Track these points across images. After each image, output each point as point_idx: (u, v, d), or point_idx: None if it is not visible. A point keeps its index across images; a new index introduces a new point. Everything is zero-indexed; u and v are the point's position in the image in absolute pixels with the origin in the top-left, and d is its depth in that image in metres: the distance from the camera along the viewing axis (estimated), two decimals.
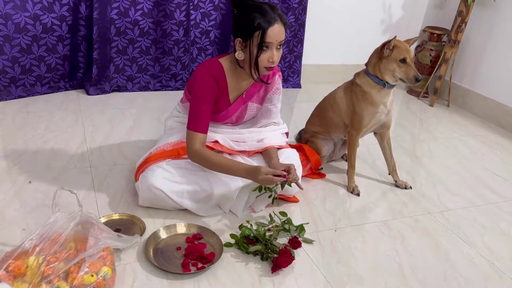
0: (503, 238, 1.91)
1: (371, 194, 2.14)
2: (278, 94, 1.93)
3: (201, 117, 1.72)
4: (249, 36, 1.63)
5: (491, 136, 3.01)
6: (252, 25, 1.61)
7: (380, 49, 1.99)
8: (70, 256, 1.33)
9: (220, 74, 1.75)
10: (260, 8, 1.63)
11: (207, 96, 1.73)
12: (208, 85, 1.73)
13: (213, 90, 1.74)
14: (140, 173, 1.81)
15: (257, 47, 1.63)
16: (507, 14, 3.12)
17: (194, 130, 1.71)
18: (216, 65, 1.75)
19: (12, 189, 1.86)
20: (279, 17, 1.65)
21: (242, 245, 1.63)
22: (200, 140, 1.72)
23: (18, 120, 2.47)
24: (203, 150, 1.71)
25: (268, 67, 1.69)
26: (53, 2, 2.69)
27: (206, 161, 1.72)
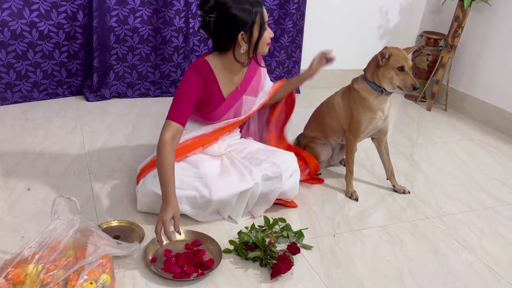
0: (502, 243, 1.92)
1: (370, 199, 2.14)
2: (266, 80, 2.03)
3: (179, 107, 1.71)
4: (252, 23, 1.68)
5: (489, 140, 3.02)
6: (250, 12, 1.67)
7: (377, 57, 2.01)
8: (69, 264, 1.32)
9: (207, 71, 1.77)
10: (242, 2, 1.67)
11: (191, 90, 1.73)
12: (193, 80, 1.74)
13: (198, 86, 1.75)
14: (142, 177, 1.81)
15: (260, 28, 1.71)
16: (503, 18, 3.14)
17: (170, 118, 1.69)
18: (203, 64, 1.77)
19: (11, 197, 1.86)
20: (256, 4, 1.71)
21: (241, 251, 1.63)
22: (174, 130, 1.67)
23: (16, 127, 2.47)
24: (168, 144, 1.64)
25: (268, 43, 1.78)
26: (50, 10, 2.70)
27: (159, 157, 1.63)
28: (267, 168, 1.84)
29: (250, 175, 1.80)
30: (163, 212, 1.57)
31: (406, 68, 1.95)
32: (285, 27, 3.26)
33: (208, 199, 1.74)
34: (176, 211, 1.59)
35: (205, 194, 1.74)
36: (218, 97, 1.83)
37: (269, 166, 1.85)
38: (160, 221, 1.55)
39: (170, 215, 1.56)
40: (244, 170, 1.83)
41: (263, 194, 1.84)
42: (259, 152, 1.95)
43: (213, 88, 1.80)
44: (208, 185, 1.76)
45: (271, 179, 1.83)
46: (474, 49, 3.37)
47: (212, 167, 1.86)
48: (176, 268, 1.52)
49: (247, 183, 1.78)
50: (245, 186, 1.77)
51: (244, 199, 1.81)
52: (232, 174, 1.82)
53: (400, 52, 1.97)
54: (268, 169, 1.84)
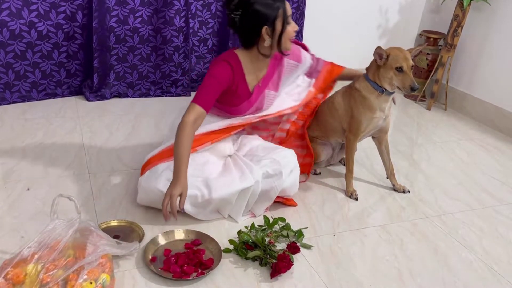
0: (501, 242, 1.92)
1: (369, 198, 2.14)
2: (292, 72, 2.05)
3: (206, 92, 1.75)
4: (275, 17, 1.73)
5: (489, 139, 3.02)
6: (273, 7, 1.72)
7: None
8: (69, 264, 1.33)
9: (236, 63, 1.82)
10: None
11: (219, 77, 1.77)
12: (223, 69, 1.79)
13: (227, 75, 1.79)
14: (148, 169, 1.81)
15: (283, 22, 1.75)
16: (503, 17, 3.14)
17: (196, 101, 1.74)
18: (232, 55, 1.82)
19: (11, 196, 1.86)
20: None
21: (241, 250, 1.63)
22: (197, 113, 1.72)
23: (16, 127, 2.47)
24: (189, 124, 1.69)
25: (291, 38, 1.81)
26: (49, 10, 2.70)
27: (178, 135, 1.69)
28: (267, 165, 1.84)
29: (251, 173, 1.80)
30: (172, 187, 1.62)
31: (405, 68, 1.93)
32: None
33: (207, 198, 1.74)
34: (184, 188, 1.65)
35: (205, 194, 1.74)
36: (244, 91, 1.87)
37: (269, 163, 1.85)
38: (168, 196, 1.61)
39: (179, 191, 1.62)
40: (245, 168, 1.83)
41: (264, 191, 1.84)
42: (259, 149, 1.96)
43: (240, 81, 1.84)
44: (208, 185, 1.76)
45: (272, 177, 1.83)
46: (473, 48, 3.37)
47: (216, 168, 1.86)
48: (176, 267, 1.52)
49: (248, 181, 1.78)
50: (246, 184, 1.77)
51: (244, 198, 1.81)
52: (233, 172, 1.82)
53: (400, 52, 1.95)
54: (268, 165, 1.84)
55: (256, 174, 1.80)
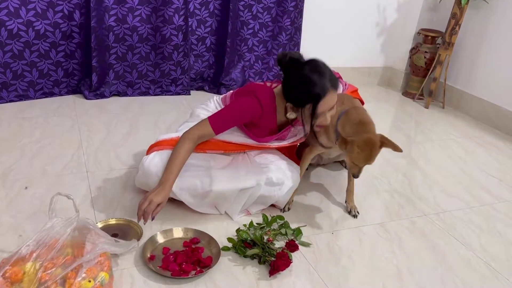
0: (500, 239, 1.92)
1: (368, 196, 2.14)
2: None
3: (225, 120, 1.74)
4: (300, 106, 1.67)
5: (486, 137, 3.03)
6: (302, 99, 1.65)
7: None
8: (67, 262, 1.32)
9: (269, 102, 1.76)
10: (310, 80, 1.62)
11: (244, 114, 1.75)
12: (251, 108, 1.74)
13: (254, 114, 1.76)
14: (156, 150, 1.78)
15: (310, 117, 1.67)
16: (500, 16, 3.15)
17: (211, 121, 1.72)
18: (268, 93, 1.77)
19: (8, 195, 1.85)
20: (330, 83, 1.64)
21: (240, 249, 1.63)
22: (205, 132, 1.72)
23: (13, 126, 2.46)
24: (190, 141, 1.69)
25: (321, 126, 1.74)
26: (47, 9, 2.69)
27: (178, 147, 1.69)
28: (273, 171, 1.84)
29: (255, 174, 1.80)
30: (155, 193, 1.62)
31: (360, 165, 1.74)
32: (283, 25, 3.26)
33: (208, 189, 1.73)
34: (165, 199, 1.64)
35: (206, 185, 1.74)
36: (271, 128, 1.84)
37: (275, 169, 1.84)
38: (148, 200, 1.61)
39: (159, 200, 1.62)
40: (251, 168, 1.82)
41: (262, 196, 1.84)
42: (270, 154, 1.94)
43: (270, 120, 1.81)
44: (211, 175, 1.76)
45: (274, 185, 1.83)
46: (471, 46, 3.37)
47: (222, 161, 1.86)
48: (175, 266, 1.52)
49: (250, 181, 1.77)
50: (247, 184, 1.77)
51: (243, 197, 1.81)
52: (238, 170, 1.81)
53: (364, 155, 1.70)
54: (274, 172, 1.83)
55: (260, 177, 1.80)
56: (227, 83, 3.22)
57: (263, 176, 1.81)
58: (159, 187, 1.65)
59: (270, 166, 1.85)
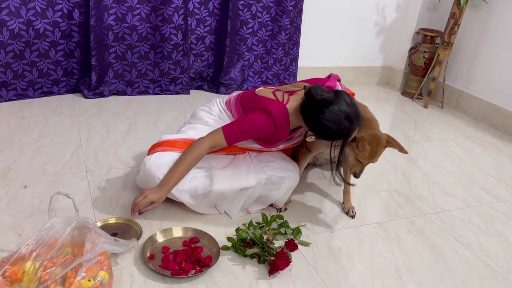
0: (498, 239, 1.93)
1: (367, 195, 2.14)
2: None
3: (238, 134, 1.72)
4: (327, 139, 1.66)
5: (485, 137, 3.03)
6: (328, 138, 1.64)
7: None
8: (67, 261, 1.32)
9: (283, 121, 1.74)
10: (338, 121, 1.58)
11: (258, 130, 1.74)
12: (267, 126, 1.72)
13: (268, 131, 1.75)
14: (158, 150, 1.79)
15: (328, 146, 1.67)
16: (500, 16, 3.15)
17: (224, 132, 1.71)
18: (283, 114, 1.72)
19: (8, 194, 1.85)
20: (357, 125, 1.62)
21: (239, 248, 1.64)
22: (217, 142, 1.72)
23: (13, 125, 2.46)
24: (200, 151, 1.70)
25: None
26: (46, 8, 2.69)
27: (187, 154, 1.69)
28: (274, 170, 1.84)
29: (256, 174, 1.80)
30: (152, 191, 1.65)
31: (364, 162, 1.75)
32: (282, 24, 3.26)
33: (208, 190, 1.74)
34: (159, 201, 1.67)
35: (207, 185, 1.74)
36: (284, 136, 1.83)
37: (276, 168, 1.85)
38: (143, 194, 1.64)
39: (154, 199, 1.65)
40: (252, 167, 1.83)
41: (262, 196, 1.84)
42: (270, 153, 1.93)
43: (283, 134, 1.80)
44: (211, 176, 1.76)
45: (274, 184, 1.83)
46: (470, 46, 3.38)
47: (223, 161, 1.86)
48: (174, 265, 1.52)
49: (250, 181, 1.77)
50: (247, 184, 1.77)
51: (243, 196, 1.81)
52: (239, 169, 1.81)
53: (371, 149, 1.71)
54: (275, 171, 1.84)
55: (260, 176, 1.80)
56: (226, 82, 3.22)
57: (264, 175, 1.81)
58: (157, 188, 1.67)
59: (271, 164, 1.86)
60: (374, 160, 1.74)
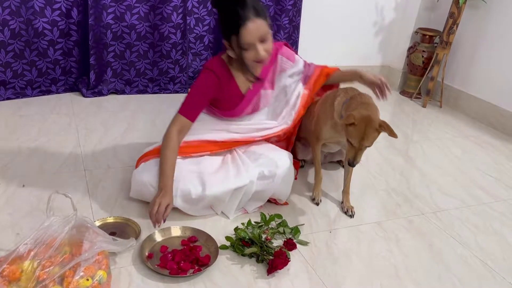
0: (496, 238, 1.93)
1: (365, 195, 2.15)
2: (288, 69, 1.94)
3: (191, 105, 1.76)
4: (229, 38, 1.66)
5: (483, 136, 3.04)
6: (227, 29, 1.63)
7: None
8: (65, 260, 1.32)
9: (222, 70, 1.77)
10: (231, 10, 1.60)
11: (204, 88, 1.76)
12: (207, 79, 1.75)
13: (212, 85, 1.76)
14: (143, 162, 1.82)
15: (238, 48, 1.66)
16: (498, 15, 3.16)
17: (181, 112, 1.75)
18: (218, 62, 1.78)
19: (5, 193, 1.85)
20: (253, 11, 1.60)
21: (238, 247, 1.63)
22: (181, 124, 1.74)
23: (10, 124, 2.45)
24: (173, 139, 1.73)
25: (258, 61, 1.70)
26: (44, 7, 2.68)
27: (163, 149, 1.73)
28: (264, 164, 1.84)
29: (247, 172, 1.80)
30: (160, 197, 1.64)
31: (355, 145, 1.71)
32: (281, 23, 3.26)
33: (201, 194, 1.74)
34: (171, 201, 1.67)
35: (199, 189, 1.74)
36: (236, 94, 1.83)
37: (266, 162, 1.85)
38: (156, 204, 1.63)
39: (167, 202, 1.64)
40: (242, 166, 1.82)
41: (257, 192, 1.84)
42: (258, 147, 1.94)
43: (231, 86, 1.80)
44: (203, 181, 1.76)
45: (267, 178, 1.83)
46: (469, 45, 3.38)
47: (213, 164, 1.86)
48: (173, 264, 1.52)
49: (243, 180, 1.77)
50: (240, 183, 1.77)
51: (238, 196, 1.80)
52: (230, 169, 1.81)
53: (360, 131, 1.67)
54: (265, 165, 1.84)
55: (252, 173, 1.80)
56: None
57: (255, 171, 1.81)
58: (161, 192, 1.66)
59: (260, 160, 1.86)
60: (365, 143, 1.69)
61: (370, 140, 1.70)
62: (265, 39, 1.66)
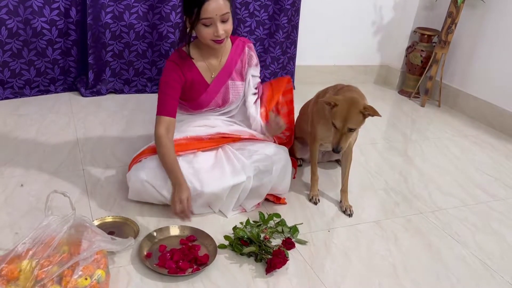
0: (494, 237, 1.93)
1: (364, 194, 2.15)
2: (253, 66, 1.93)
3: (166, 101, 1.77)
4: (190, 13, 1.67)
5: (482, 136, 3.04)
6: (190, 1, 1.65)
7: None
8: (64, 260, 1.32)
9: (182, 59, 1.79)
10: None
11: (170, 81, 1.77)
12: (169, 71, 1.78)
13: (176, 75, 1.78)
14: (134, 164, 1.82)
15: (198, 23, 1.67)
16: (496, 14, 3.16)
17: (160, 113, 1.77)
18: (177, 52, 1.80)
19: (4, 193, 1.84)
20: None
21: (236, 246, 1.64)
22: (166, 123, 1.75)
23: (9, 123, 2.45)
24: (163, 137, 1.74)
25: (216, 40, 1.71)
26: (43, 7, 2.68)
27: (159, 148, 1.73)
28: (259, 160, 1.84)
29: (243, 168, 1.80)
30: (178, 192, 1.66)
31: (338, 127, 1.74)
32: (280, 23, 3.26)
33: (199, 191, 1.74)
34: (189, 193, 1.68)
35: (197, 187, 1.74)
36: (200, 83, 1.84)
37: (261, 158, 1.85)
38: (177, 201, 1.65)
39: (186, 195, 1.66)
40: (237, 163, 1.82)
41: (254, 188, 1.84)
42: (252, 145, 1.94)
43: (193, 74, 1.81)
44: (200, 178, 1.76)
45: (263, 173, 1.83)
46: (467, 45, 3.39)
47: (206, 160, 1.85)
48: (171, 263, 1.52)
49: (239, 177, 1.78)
50: (237, 180, 1.77)
51: (235, 193, 1.81)
52: (225, 167, 1.81)
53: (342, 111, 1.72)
54: (260, 161, 1.84)
55: (248, 170, 1.80)
56: None
57: (250, 167, 1.81)
58: (175, 188, 1.68)
59: (254, 156, 1.86)
60: (348, 124, 1.72)
61: (353, 122, 1.73)
62: (226, 20, 1.69)
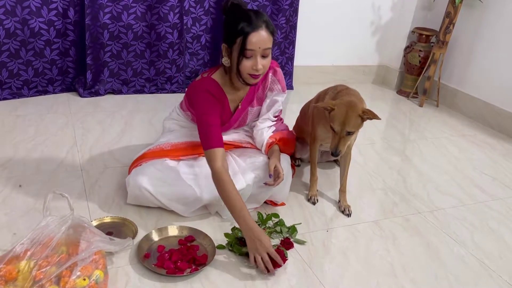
0: (493, 237, 1.94)
1: (362, 194, 2.15)
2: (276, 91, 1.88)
3: (211, 132, 1.67)
4: (232, 42, 1.61)
5: (480, 135, 3.05)
6: (235, 31, 1.58)
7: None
8: (62, 260, 1.32)
9: (218, 90, 1.73)
10: (245, 14, 1.60)
11: (210, 110, 1.70)
12: (207, 100, 1.70)
13: (214, 103, 1.72)
14: (134, 168, 1.82)
15: (238, 53, 1.60)
16: (494, 14, 3.17)
17: (210, 147, 1.65)
18: (210, 83, 1.72)
19: (2, 193, 1.84)
20: (265, 24, 1.60)
21: (235, 246, 1.63)
22: (220, 155, 1.65)
23: (7, 123, 2.45)
24: (223, 173, 1.62)
25: (252, 74, 1.64)
26: (41, 7, 2.68)
27: (220, 187, 1.62)
28: (260, 168, 1.84)
29: (243, 175, 1.79)
30: (255, 249, 1.53)
31: (337, 131, 1.76)
32: (278, 23, 3.26)
33: (198, 197, 1.74)
34: (268, 242, 1.54)
35: (196, 193, 1.74)
36: (227, 113, 1.81)
37: (261, 165, 1.84)
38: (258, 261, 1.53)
39: (264, 250, 1.52)
40: (238, 169, 1.82)
41: (253, 195, 1.84)
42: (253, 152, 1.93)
43: (224, 105, 1.78)
44: (199, 184, 1.75)
45: (262, 181, 1.83)
46: (465, 45, 3.39)
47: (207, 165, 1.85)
48: (170, 264, 1.52)
49: (239, 184, 1.75)
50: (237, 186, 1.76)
51: None
52: None
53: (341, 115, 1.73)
54: (261, 169, 1.83)
55: (248, 177, 1.79)
56: None
57: (251, 175, 1.80)
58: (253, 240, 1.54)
59: (256, 163, 1.85)
60: (346, 128, 1.72)
61: (351, 125, 1.73)
62: (267, 55, 1.64)
